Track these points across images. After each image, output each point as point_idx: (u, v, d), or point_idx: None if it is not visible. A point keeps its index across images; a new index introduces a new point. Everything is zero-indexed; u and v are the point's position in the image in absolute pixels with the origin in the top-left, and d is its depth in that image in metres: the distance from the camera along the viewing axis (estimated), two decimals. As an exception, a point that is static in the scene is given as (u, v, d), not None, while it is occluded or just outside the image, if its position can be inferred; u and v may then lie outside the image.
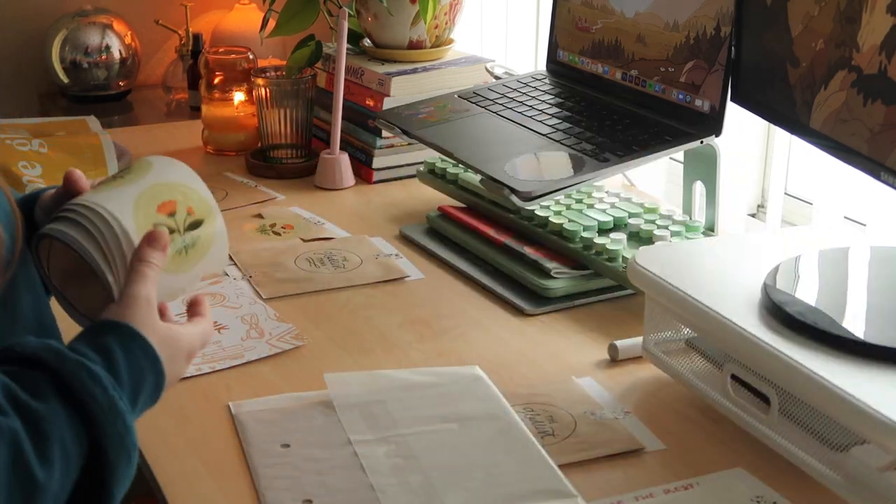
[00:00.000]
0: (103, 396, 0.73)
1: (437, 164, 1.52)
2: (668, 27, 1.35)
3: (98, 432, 0.73)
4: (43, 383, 0.72)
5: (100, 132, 1.77)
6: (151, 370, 0.79)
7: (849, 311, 0.93)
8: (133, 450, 0.75)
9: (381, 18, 1.70)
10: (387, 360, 1.12)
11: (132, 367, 0.77)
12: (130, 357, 0.77)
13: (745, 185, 1.62)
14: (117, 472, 0.74)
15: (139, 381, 0.77)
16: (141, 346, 0.78)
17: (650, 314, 1.05)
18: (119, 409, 0.74)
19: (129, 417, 0.75)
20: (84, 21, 2.43)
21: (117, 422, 0.73)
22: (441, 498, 0.87)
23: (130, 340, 0.78)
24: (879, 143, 0.93)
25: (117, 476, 0.74)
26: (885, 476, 0.81)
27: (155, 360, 0.79)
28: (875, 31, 0.93)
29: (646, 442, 0.97)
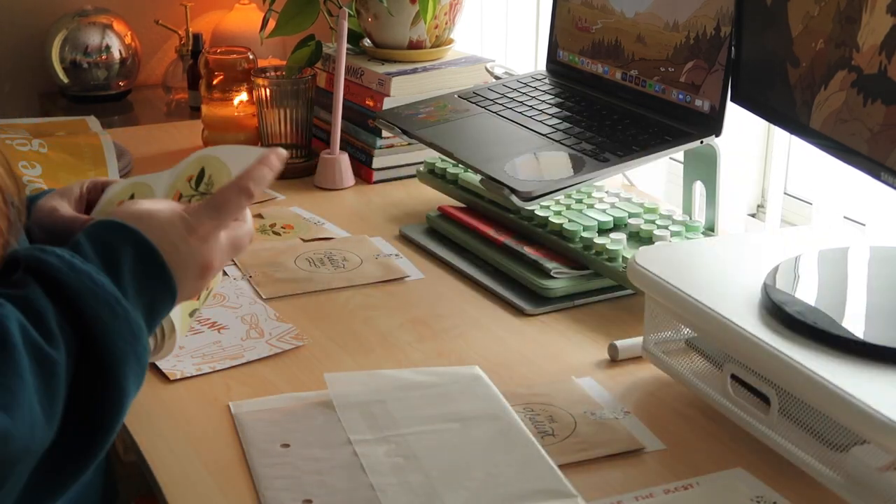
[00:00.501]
0: (60, 262, 0.76)
1: (437, 164, 1.52)
2: (668, 27, 1.35)
3: (70, 294, 0.75)
4: (17, 276, 0.75)
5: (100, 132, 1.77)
6: (123, 237, 0.80)
7: (849, 311, 0.93)
8: (115, 303, 0.76)
9: (381, 18, 1.70)
10: (387, 360, 1.12)
11: (95, 241, 0.79)
12: (92, 236, 0.80)
13: (744, 185, 1.62)
14: (105, 326, 0.75)
15: (109, 250, 0.79)
16: (104, 224, 0.81)
17: (650, 314, 1.06)
18: (81, 269, 0.76)
19: (96, 274, 0.76)
20: (84, 21, 2.43)
21: (83, 278, 0.75)
22: (441, 498, 0.87)
23: (93, 226, 0.82)
24: (879, 143, 0.93)
25: (108, 330, 0.75)
26: (885, 476, 0.81)
27: (121, 228, 0.81)
28: (875, 31, 0.93)
29: (646, 442, 0.97)
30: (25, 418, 0.69)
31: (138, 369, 0.78)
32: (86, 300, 0.75)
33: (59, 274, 0.75)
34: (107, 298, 0.76)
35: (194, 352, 1.12)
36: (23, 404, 0.69)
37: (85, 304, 0.75)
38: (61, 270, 0.75)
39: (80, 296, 0.75)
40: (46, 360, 0.72)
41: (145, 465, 0.94)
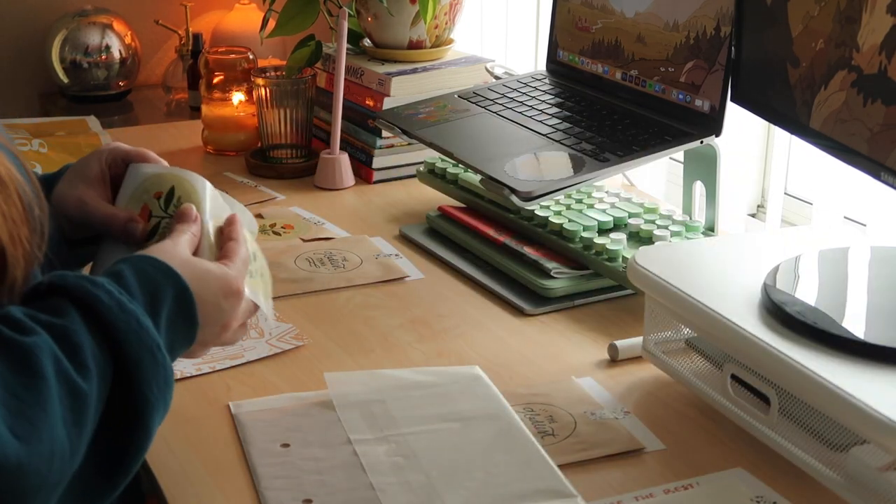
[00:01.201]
0: (109, 298, 0.74)
1: (437, 164, 1.52)
2: (668, 27, 1.35)
3: (114, 332, 0.74)
4: (59, 302, 0.74)
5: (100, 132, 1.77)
6: (168, 282, 0.80)
7: (849, 311, 0.93)
8: (157, 349, 0.76)
9: (381, 18, 1.70)
10: (387, 359, 1.12)
11: (142, 279, 0.78)
12: (140, 272, 0.79)
13: (744, 185, 1.62)
14: (143, 370, 0.74)
15: (154, 292, 0.78)
16: (151, 262, 0.80)
17: (650, 314, 1.06)
18: (128, 308, 0.75)
19: (142, 317, 0.75)
20: (84, 21, 2.44)
21: (129, 319, 0.74)
22: (441, 497, 0.87)
23: (139, 260, 0.81)
24: (879, 143, 0.93)
25: (145, 375, 0.75)
26: (885, 476, 0.81)
27: (169, 272, 0.80)
28: (875, 31, 0.93)
29: (646, 442, 0.97)
30: (44, 451, 0.68)
31: (164, 414, 0.78)
32: (131, 343, 0.74)
33: (108, 313, 0.74)
34: (150, 344, 0.76)
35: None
36: (43, 437, 0.68)
37: (130, 348, 0.74)
38: (111, 310, 0.74)
39: (127, 339, 0.74)
40: (77, 391, 0.71)
41: (145, 465, 0.94)
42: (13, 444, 0.66)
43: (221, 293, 0.84)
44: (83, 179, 0.97)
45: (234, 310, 0.86)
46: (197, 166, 1.76)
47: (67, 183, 0.97)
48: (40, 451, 0.67)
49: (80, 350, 0.72)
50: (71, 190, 0.95)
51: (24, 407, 0.67)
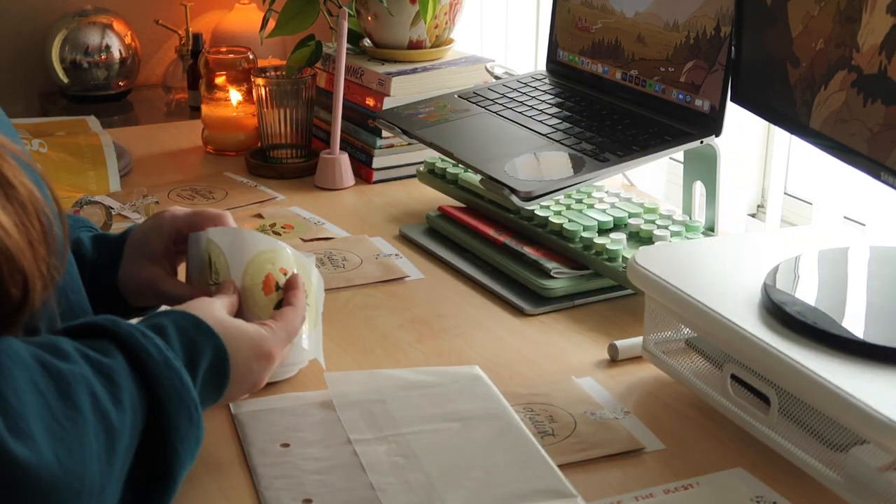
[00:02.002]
0: (158, 353, 0.76)
1: (437, 164, 1.52)
2: (668, 27, 1.35)
3: (156, 387, 0.75)
4: (106, 343, 0.76)
5: (100, 132, 1.77)
6: (207, 342, 0.82)
7: (849, 311, 0.93)
8: (194, 409, 0.77)
9: (381, 18, 1.70)
10: (387, 359, 1.12)
11: (183, 337, 0.81)
12: (181, 329, 0.81)
13: (744, 185, 1.63)
14: (179, 429, 0.76)
15: (193, 350, 0.81)
16: (192, 321, 0.83)
17: (650, 314, 1.06)
18: (174, 366, 0.77)
19: (185, 376, 0.77)
20: (84, 21, 2.44)
21: (173, 377, 0.76)
22: (441, 497, 0.87)
23: (180, 317, 0.83)
24: (879, 143, 0.93)
25: (180, 434, 0.76)
26: (885, 476, 0.81)
27: (209, 331, 0.82)
28: (875, 31, 0.93)
29: (646, 442, 0.97)
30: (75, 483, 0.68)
31: (188, 468, 0.80)
32: (171, 400, 0.76)
33: (154, 367, 0.76)
34: (188, 404, 0.77)
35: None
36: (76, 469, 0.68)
37: (169, 405, 0.76)
38: (158, 365, 0.76)
39: (168, 395, 0.76)
40: (112, 428, 0.72)
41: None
42: (53, 464, 0.66)
43: (253, 355, 0.87)
44: (149, 257, 0.99)
45: (263, 371, 0.88)
46: (197, 166, 1.76)
47: (133, 261, 0.99)
48: (72, 482, 0.68)
49: (120, 390, 0.73)
50: (139, 269, 0.99)
51: (64, 434, 0.68)
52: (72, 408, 0.69)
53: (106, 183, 1.60)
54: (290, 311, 0.93)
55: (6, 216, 0.68)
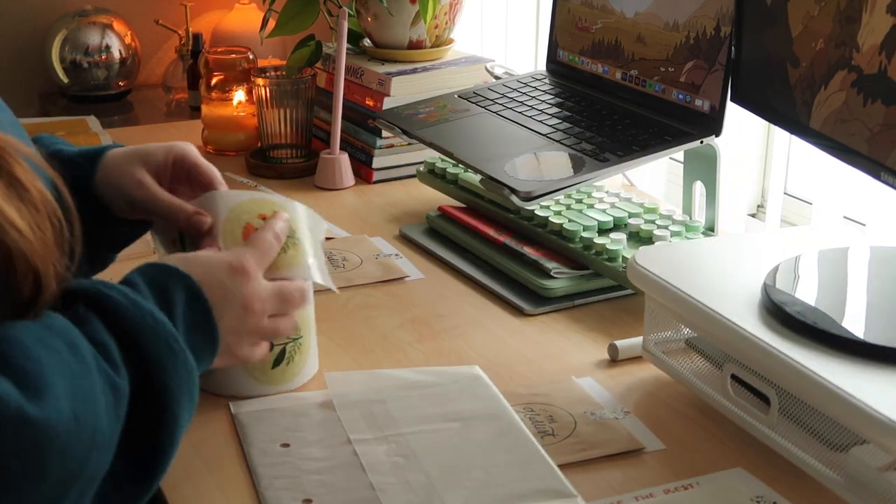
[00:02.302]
0: (123, 298, 0.77)
1: (437, 164, 1.52)
2: (668, 27, 1.35)
3: (131, 331, 0.76)
4: (80, 311, 0.75)
5: (100, 132, 1.77)
6: (177, 280, 0.82)
7: (849, 311, 0.93)
8: (174, 341, 0.77)
9: (381, 18, 1.70)
10: (387, 359, 1.12)
11: (151, 281, 0.81)
12: (147, 276, 0.82)
13: (744, 185, 1.63)
14: (164, 365, 0.76)
15: (164, 291, 0.81)
16: (158, 267, 0.83)
17: (650, 314, 1.05)
18: (142, 306, 0.77)
19: (157, 313, 0.78)
20: (84, 21, 2.43)
21: (144, 316, 0.77)
22: (441, 497, 0.87)
23: (147, 267, 0.83)
24: (879, 143, 0.93)
25: (166, 367, 0.76)
26: (885, 476, 0.81)
27: (175, 271, 0.83)
28: (875, 31, 0.93)
29: (646, 442, 0.97)
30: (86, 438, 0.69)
31: (190, 405, 0.80)
32: (147, 337, 0.76)
33: (123, 310, 0.76)
34: (166, 337, 0.78)
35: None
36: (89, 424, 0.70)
37: (146, 342, 0.76)
38: (127, 308, 0.77)
39: (142, 333, 0.76)
40: (115, 386, 0.73)
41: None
42: (69, 419, 0.67)
43: (225, 274, 0.86)
44: (144, 163, 0.98)
45: (244, 287, 0.87)
46: (197, 166, 1.76)
47: (126, 159, 0.98)
48: (85, 436, 0.69)
49: (108, 350, 0.74)
50: (130, 168, 0.97)
51: (81, 389, 0.69)
52: (82, 362, 0.71)
53: (106, 183, 1.60)
54: (258, 233, 0.93)
55: (21, 217, 0.69)
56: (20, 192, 0.70)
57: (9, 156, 0.70)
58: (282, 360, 1.02)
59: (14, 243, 0.68)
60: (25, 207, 0.70)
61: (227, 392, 1.02)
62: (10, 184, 0.69)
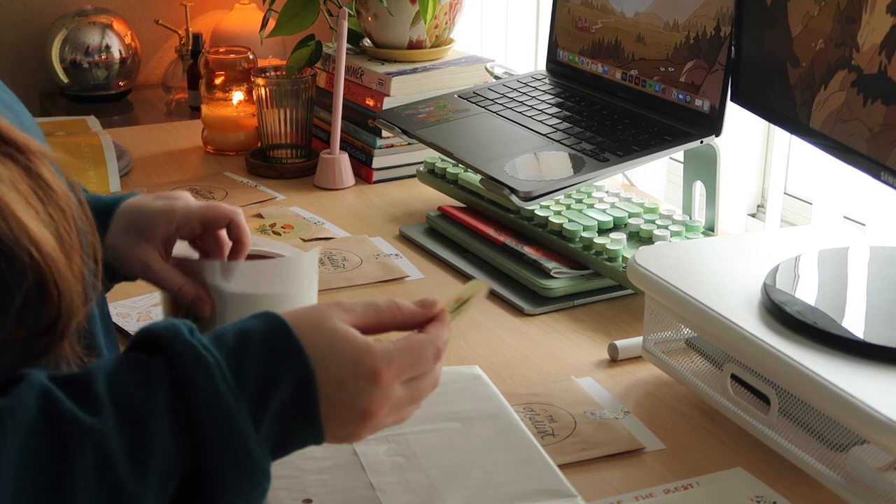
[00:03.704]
0: (206, 382, 0.64)
1: (437, 164, 1.52)
2: (668, 27, 1.35)
3: (198, 423, 0.64)
4: (156, 366, 0.65)
5: (100, 132, 1.77)
6: (289, 364, 0.68)
7: (849, 311, 0.93)
8: (243, 455, 0.65)
9: (381, 18, 1.70)
10: (387, 359, 1.12)
11: (264, 355, 0.67)
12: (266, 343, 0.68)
13: (744, 184, 1.63)
14: (223, 477, 0.64)
15: (270, 376, 0.67)
16: (282, 332, 0.68)
17: (650, 314, 1.05)
18: (224, 401, 0.64)
19: (238, 414, 0.65)
20: (84, 21, 2.44)
21: (219, 416, 0.64)
22: (441, 497, 0.87)
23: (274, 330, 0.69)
24: (879, 143, 0.93)
25: (224, 482, 0.64)
26: (885, 476, 0.81)
27: (296, 348, 0.68)
28: (875, 31, 0.93)
29: (646, 442, 0.97)
30: None
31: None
32: (213, 442, 0.64)
33: (198, 400, 0.64)
34: (236, 448, 0.65)
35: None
36: None
37: (211, 446, 0.64)
38: (203, 396, 0.64)
39: (211, 436, 0.64)
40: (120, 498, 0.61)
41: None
42: None
43: (351, 371, 0.69)
44: (146, 239, 0.93)
45: (369, 394, 0.70)
46: (197, 166, 1.76)
47: (125, 236, 0.93)
48: None
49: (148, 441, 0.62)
50: (131, 248, 0.93)
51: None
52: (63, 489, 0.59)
53: (106, 183, 1.60)
54: (416, 337, 0.75)
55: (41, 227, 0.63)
56: (48, 193, 0.66)
57: (37, 159, 0.66)
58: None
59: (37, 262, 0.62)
60: (51, 210, 0.65)
61: None
62: (38, 185, 0.65)
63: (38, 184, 0.65)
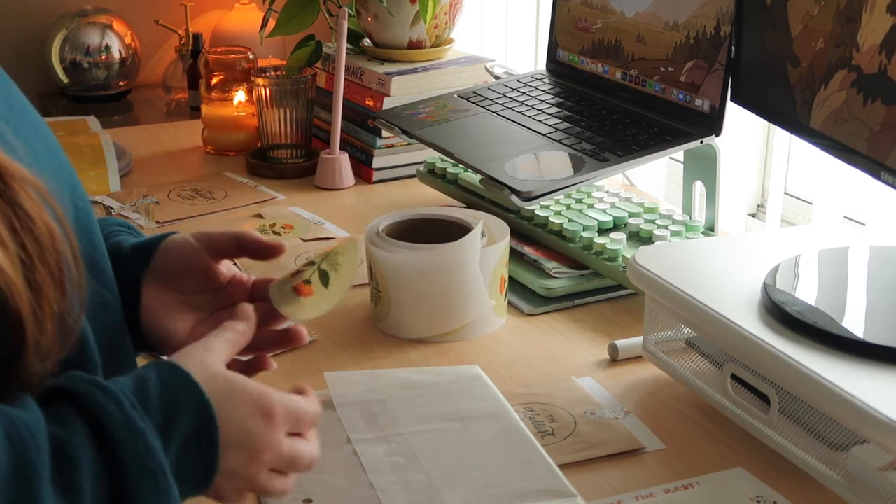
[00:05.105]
0: (118, 413, 0.66)
1: (437, 164, 1.52)
2: (668, 27, 1.35)
3: (116, 450, 0.66)
4: (66, 407, 0.67)
5: (100, 132, 1.77)
6: (190, 402, 0.70)
7: (849, 311, 0.93)
8: (161, 477, 0.67)
9: (381, 18, 1.70)
10: (387, 359, 1.12)
11: (165, 394, 0.70)
12: (164, 384, 0.70)
13: (744, 184, 1.63)
14: (143, 498, 0.66)
15: (172, 410, 0.69)
16: (179, 377, 0.71)
17: (650, 314, 1.05)
18: (137, 428, 0.66)
19: (151, 439, 0.67)
20: (84, 21, 2.44)
21: (136, 439, 0.66)
22: (441, 497, 0.87)
23: (168, 371, 0.71)
24: (879, 142, 0.93)
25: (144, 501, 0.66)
26: (885, 476, 0.81)
27: (195, 389, 0.71)
28: (875, 30, 0.93)
29: (646, 442, 0.97)
30: None
31: None
32: (131, 466, 0.66)
33: (114, 428, 0.66)
34: (152, 468, 0.67)
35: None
36: None
37: (130, 470, 0.66)
38: (118, 425, 0.66)
39: (128, 460, 0.66)
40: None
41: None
42: None
43: (248, 412, 0.73)
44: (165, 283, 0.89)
45: (263, 435, 0.74)
46: (197, 166, 1.76)
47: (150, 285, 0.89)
48: None
49: (77, 468, 0.64)
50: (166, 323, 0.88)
51: None
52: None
53: (106, 183, 1.60)
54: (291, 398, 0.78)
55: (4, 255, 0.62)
56: (23, 222, 0.64)
57: (16, 184, 0.64)
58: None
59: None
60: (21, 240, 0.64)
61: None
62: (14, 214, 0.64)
63: (14, 212, 0.64)
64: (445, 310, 1.15)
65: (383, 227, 1.21)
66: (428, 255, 1.14)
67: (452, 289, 1.14)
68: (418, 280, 1.14)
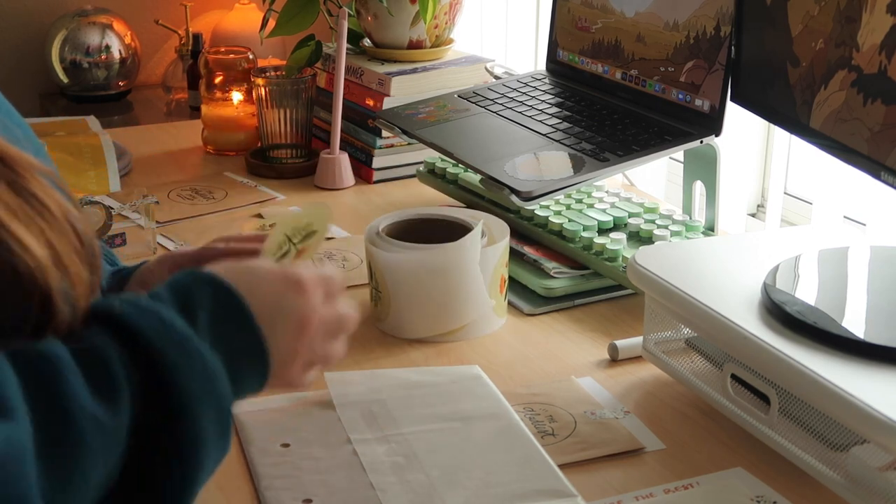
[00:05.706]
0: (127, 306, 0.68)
1: (437, 164, 1.52)
2: (668, 27, 1.35)
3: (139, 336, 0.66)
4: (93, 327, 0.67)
5: (100, 132, 1.77)
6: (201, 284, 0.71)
7: (849, 311, 0.93)
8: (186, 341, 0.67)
9: (381, 18, 1.70)
10: (387, 359, 1.12)
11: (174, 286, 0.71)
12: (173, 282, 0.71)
13: (744, 184, 1.63)
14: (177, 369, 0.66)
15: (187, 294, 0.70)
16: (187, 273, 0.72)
17: (650, 314, 1.06)
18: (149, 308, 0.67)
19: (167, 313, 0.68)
20: (84, 21, 2.44)
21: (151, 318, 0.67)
22: (441, 497, 0.87)
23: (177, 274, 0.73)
24: (879, 142, 0.93)
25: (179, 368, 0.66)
26: (885, 476, 0.81)
27: (202, 276, 0.71)
28: (875, 30, 0.93)
29: (646, 442, 0.97)
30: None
31: (218, 415, 0.68)
32: (150, 339, 0.66)
33: (130, 318, 0.67)
34: (174, 336, 0.67)
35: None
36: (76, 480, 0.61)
37: (149, 345, 0.66)
38: (130, 315, 0.67)
39: (143, 334, 0.66)
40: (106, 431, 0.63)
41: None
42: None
43: (278, 289, 0.74)
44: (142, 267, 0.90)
45: (302, 307, 0.74)
46: (197, 166, 1.76)
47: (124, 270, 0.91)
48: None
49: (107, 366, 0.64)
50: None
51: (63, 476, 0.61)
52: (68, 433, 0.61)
53: (106, 183, 1.60)
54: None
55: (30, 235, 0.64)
56: (38, 208, 0.65)
57: (26, 172, 0.66)
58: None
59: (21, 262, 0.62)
60: (40, 221, 0.65)
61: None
62: (27, 201, 0.65)
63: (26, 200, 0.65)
64: (445, 310, 1.15)
65: (383, 227, 1.21)
66: (428, 255, 1.14)
67: (452, 289, 1.14)
68: (418, 280, 1.14)
